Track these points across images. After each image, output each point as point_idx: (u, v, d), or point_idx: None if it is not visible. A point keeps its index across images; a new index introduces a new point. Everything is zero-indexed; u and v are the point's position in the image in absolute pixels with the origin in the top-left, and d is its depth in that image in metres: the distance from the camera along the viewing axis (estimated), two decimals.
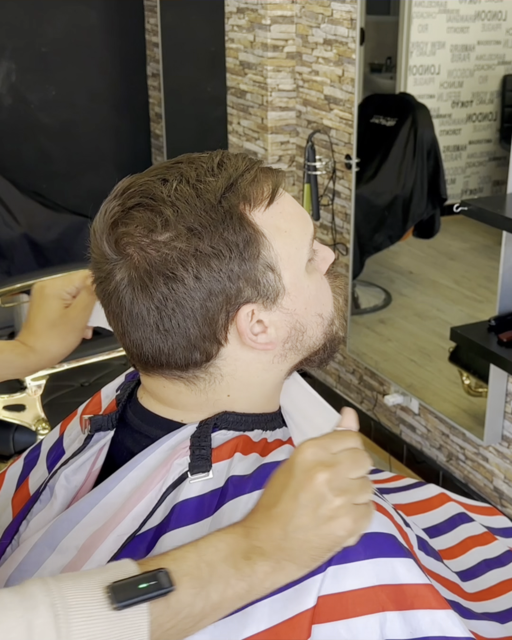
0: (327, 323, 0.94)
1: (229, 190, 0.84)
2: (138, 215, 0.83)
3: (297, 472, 0.77)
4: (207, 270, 0.82)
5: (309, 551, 0.76)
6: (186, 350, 0.86)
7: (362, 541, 0.81)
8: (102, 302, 0.89)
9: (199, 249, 0.82)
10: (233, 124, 3.27)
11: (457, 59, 2.61)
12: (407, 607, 0.82)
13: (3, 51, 3.56)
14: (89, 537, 0.85)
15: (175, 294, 0.82)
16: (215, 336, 0.86)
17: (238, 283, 0.84)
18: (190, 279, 0.82)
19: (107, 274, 0.85)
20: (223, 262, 0.82)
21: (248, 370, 0.91)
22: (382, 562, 0.82)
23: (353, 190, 2.75)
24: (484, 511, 1.30)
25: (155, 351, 0.86)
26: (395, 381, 2.74)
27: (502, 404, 2.33)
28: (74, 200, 3.64)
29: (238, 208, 0.84)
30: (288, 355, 0.92)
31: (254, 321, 0.87)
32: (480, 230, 2.54)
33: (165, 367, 0.88)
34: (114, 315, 0.87)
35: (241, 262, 0.83)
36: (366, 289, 3.09)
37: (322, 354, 0.96)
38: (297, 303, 0.89)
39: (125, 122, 3.97)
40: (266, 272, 0.85)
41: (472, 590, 1.09)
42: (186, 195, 0.83)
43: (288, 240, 0.87)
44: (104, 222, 0.86)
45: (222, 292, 0.83)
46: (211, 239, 0.82)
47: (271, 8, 2.84)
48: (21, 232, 2.89)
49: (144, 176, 0.87)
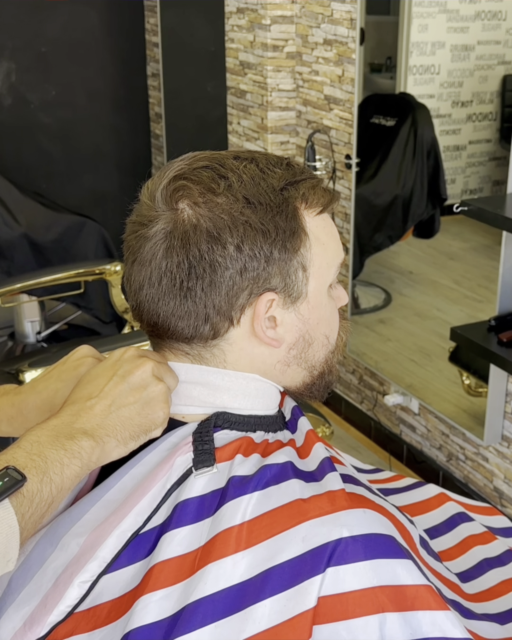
0: (330, 348, 0.96)
1: (291, 185, 0.87)
2: (204, 174, 0.85)
3: (121, 364, 0.88)
4: (251, 243, 0.84)
5: (130, 428, 0.85)
6: (198, 319, 0.86)
7: (362, 542, 0.81)
8: (131, 249, 0.88)
9: (250, 221, 0.84)
10: (233, 124, 3.27)
11: (457, 59, 2.61)
12: (407, 608, 0.82)
13: (3, 51, 3.56)
14: (91, 533, 0.86)
15: (212, 255, 0.83)
16: (230, 313, 0.87)
17: (272, 267, 0.85)
18: (232, 246, 0.83)
19: (150, 220, 0.86)
20: (267, 242, 0.84)
21: (251, 366, 0.91)
22: (383, 563, 0.82)
23: (353, 190, 2.76)
24: (484, 511, 1.30)
25: (168, 310, 0.87)
26: (395, 381, 2.74)
27: (502, 404, 2.33)
28: (74, 200, 3.64)
29: (295, 202, 0.87)
30: (291, 366, 0.93)
31: (268, 314, 0.88)
32: (480, 230, 2.54)
33: (170, 335, 0.89)
34: (140, 264, 0.87)
35: (282, 249, 0.85)
36: (366, 289, 3.09)
37: (319, 381, 0.97)
38: (312, 314, 0.91)
39: (125, 122, 3.97)
40: (298, 269, 0.87)
41: (472, 592, 1.09)
42: (253, 173, 0.86)
43: (324, 253, 0.90)
44: (165, 175, 0.87)
45: (255, 270, 0.85)
46: (264, 216, 0.84)
47: (271, 8, 2.84)
48: (21, 232, 2.88)
49: (215, 152, 0.90)
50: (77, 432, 0.83)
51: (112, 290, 2.72)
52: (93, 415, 0.85)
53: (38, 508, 0.78)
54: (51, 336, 3.10)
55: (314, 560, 0.80)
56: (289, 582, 0.80)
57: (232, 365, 0.91)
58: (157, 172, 0.89)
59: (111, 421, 0.85)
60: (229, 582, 0.80)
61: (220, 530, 0.82)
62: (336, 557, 0.80)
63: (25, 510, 0.77)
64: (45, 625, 0.82)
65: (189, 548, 0.83)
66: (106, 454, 0.85)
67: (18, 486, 0.76)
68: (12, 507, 0.76)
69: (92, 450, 0.83)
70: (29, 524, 0.78)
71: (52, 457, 0.80)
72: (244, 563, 0.81)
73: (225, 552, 0.81)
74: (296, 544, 0.81)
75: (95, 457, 0.84)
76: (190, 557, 0.82)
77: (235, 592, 0.80)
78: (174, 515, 0.85)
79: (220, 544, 0.81)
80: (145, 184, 0.90)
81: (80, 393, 0.87)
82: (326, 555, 0.80)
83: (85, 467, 0.83)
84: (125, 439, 0.86)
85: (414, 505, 1.24)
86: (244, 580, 0.80)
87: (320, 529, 0.81)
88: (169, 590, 0.81)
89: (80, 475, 0.83)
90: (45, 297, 2.91)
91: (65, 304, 3.08)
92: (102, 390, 0.86)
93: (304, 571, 0.80)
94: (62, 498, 0.82)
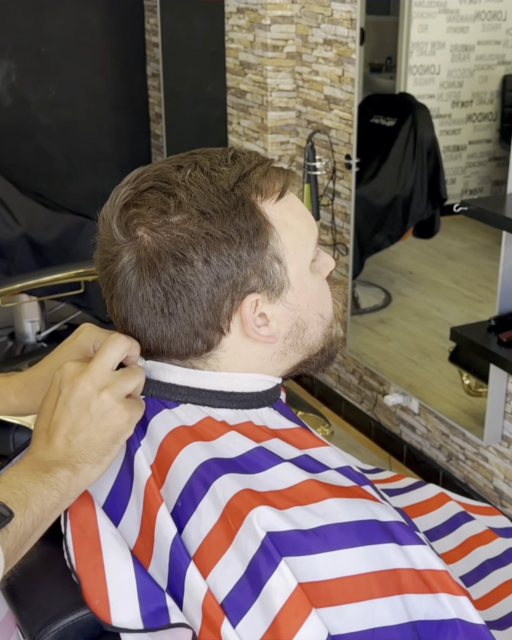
0: (327, 324, 0.95)
1: (242, 180, 0.85)
2: (151, 197, 0.84)
3: (61, 387, 0.85)
4: (217, 254, 0.83)
5: (95, 448, 0.84)
6: (188, 337, 0.86)
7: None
8: (106, 285, 0.89)
9: (210, 232, 0.83)
10: (233, 124, 3.27)
11: (457, 59, 2.61)
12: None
13: (3, 51, 3.56)
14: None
15: (183, 277, 0.83)
16: (219, 324, 0.86)
17: (246, 270, 0.85)
18: (199, 262, 0.83)
19: (114, 255, 0.86)
20: (233, 248, 0.83)
21: (246, 365, 0.91)
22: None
23: (353, 190, 2.75)
24: (484, 511, 1.30)
25: (158, 336, 0.87)
26: (395, 381, 2.74)
27: (502, 404, 2.33)
28: (74, 200, 3.63)
29: (250, 197, 0.85)
30: (288, 353, 0.92)
31: (257, 313, 0.87)
32: (480, 230, 2.54)
33: (165, 355, 0.89)
34: (118, 299, 0.87)
35: (250, 249, 0.84)
36: (366, 289, 3.09)
37: (321, 356, 0.96)
38: (300, 299, 0.90)
39: (125, 122, 3.97)
40: (272, 263, 0.86)
41: (475, 597, 1.09)
42: (200, 181, 0.84)
43: (295, 236, 0.88)
44: (115, 205, 0.86)
45: (230, 277, 0.84)
46: (223, 223, 0.83)
47: (271, 8, 2.84)
48: (21, 232, 2.88)
49: (157, 164, 0.89)
50: (50, 464, 0.83)
51: None
52: (56, 448, 0.84)
53: (21, 540, 0.79)
54: (51, 336, 3.10)
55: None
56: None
57: (226, 369, 0.91)
58: (108, 200, 0.88)
59: (75, 449, 0.84)
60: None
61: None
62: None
63: (9, 545, 0.77)
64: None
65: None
66: (85, 480, 0.85)
67: (6, 522, 0.77)
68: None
69: (69, 480, 0.83)
70: (11, 557, 0.79)
71: (32, 490, 0.80)
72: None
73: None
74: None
75: (74, 486, 0.84)
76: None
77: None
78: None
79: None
80: (99, 213, 0.89)
81: (39, 426, 0.87)
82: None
83: (64, 497, 0.83)
84: (96, 459, 0.85)
85: (414, 506, 1.24)
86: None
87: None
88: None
89: (60, 506, 0.83)
90: (45, 297, 2.90)
91: (65, 304, 3.08)
92: (53, 422, 0.85)
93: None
94: (42, 530, 0.82)
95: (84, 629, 0.87)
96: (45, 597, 0.89)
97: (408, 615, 0.82)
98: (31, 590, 0.90)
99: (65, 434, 0.84)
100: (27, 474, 0.81)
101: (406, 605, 0.82)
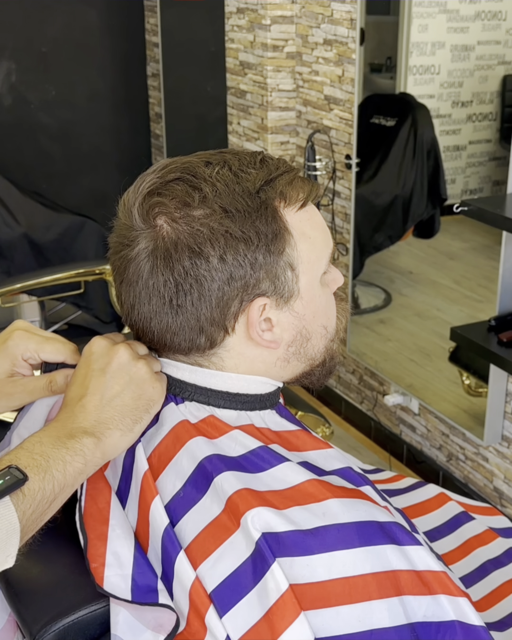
0: (329, 337, 0.96)
1: (268, 184, 0.86)
2: (177, 187, 0.85)
3: (97, 357, 0.88)
4: (234, 253, 0.83)
5: (129, 414, 0.86)
6: (193, 332, 0.87)
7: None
8: (117, 270, 0.89)
9: (230, 230, 0.83)
10: (233, 124, 3.27)
11: (457, 59, 2.60)
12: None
13: (3, 51, 3.56)
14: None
15: (197, 270, 0.83)
16: (224, 322, 0.87)
17: (259, 273, 0.85)
18: (215, 258, 0.83)
19: (130, 240, 0.86)
20: (250, 249, 0.84)
21: (251, 368, 0.91)
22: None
23: (353, 190, 2.75)
24: (484, 511, 1.30)
25: (162, 327, 0.87)
26: (395, 381, 2.74)
27: (502, 404, 2.33)
28: (74, 200, 3.64)
29: (273, 202, 0.86)
30: (291, 361, 0.93)
31: (263, 317, 0.87)
32: (480, 230, 2.54)
33: (168, 349, 0.89)
34: (128, 284, 0.87)
35: (266, 253, 0.85)
36: (366, 289, 3.09)
37: (321, 369, 0.97)
38: (307, 309, 0.91)
39: (125, 122, 3.97)
40: (286, 269, 0.87)
41: (475, 598, 1.09)
42: (227, 179, 0.85)
43: (311, 247, 0.89)
44: (139, 191, 0.86)
45: (242, 278, 0.85)
46: (243, 223, 0.83)
47: (271, 8, 2.84)
48: (21, 232, 2.88)
49: (186, 158, 0.89)
50: (77, 431, 0.84)
51: (112, 291, 2.72)
52: (88, 413, 0.85)
53: (40, 505, 0.80)
54: None
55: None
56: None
57: (231, 370, 0.91)
58: (132, 186, 0.88)
59: (107, 414, 0.86)
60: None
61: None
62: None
63: (26, 508, 0.78)
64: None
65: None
66: (114, 447, 0.86)
67: (19, 484, 0.77)
68: (12, 505, 0.77)
69: (95, 446, 0.84)
70: (31, 521, 0.79)
71: (54, 456, 0.81)
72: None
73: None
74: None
75: (100, 453, 0.85)
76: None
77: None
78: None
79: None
80: (121, 199, 0.89)
81: (70, 395, 0.88)
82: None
83: (89, 463, 0.84)
84: (128, 426, 0.86)
85: (414, 507, 1.24)
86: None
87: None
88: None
89: (85, 472, 0.84)
90: (45, 297, 2.90)
91: (65, 304, 3.08)
92: (88, 388, 0.87)
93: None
94: (66, 496, 0.83)
95: (84, 629, 0.87)
96: (45, 597, 0.89)
97: (407, 617, 0.82)
98: (31, 590, 0.90)
99: (100, 399, 0.86)
100: (51, 441, 0.82)
101: (404, 606, 0.82)
